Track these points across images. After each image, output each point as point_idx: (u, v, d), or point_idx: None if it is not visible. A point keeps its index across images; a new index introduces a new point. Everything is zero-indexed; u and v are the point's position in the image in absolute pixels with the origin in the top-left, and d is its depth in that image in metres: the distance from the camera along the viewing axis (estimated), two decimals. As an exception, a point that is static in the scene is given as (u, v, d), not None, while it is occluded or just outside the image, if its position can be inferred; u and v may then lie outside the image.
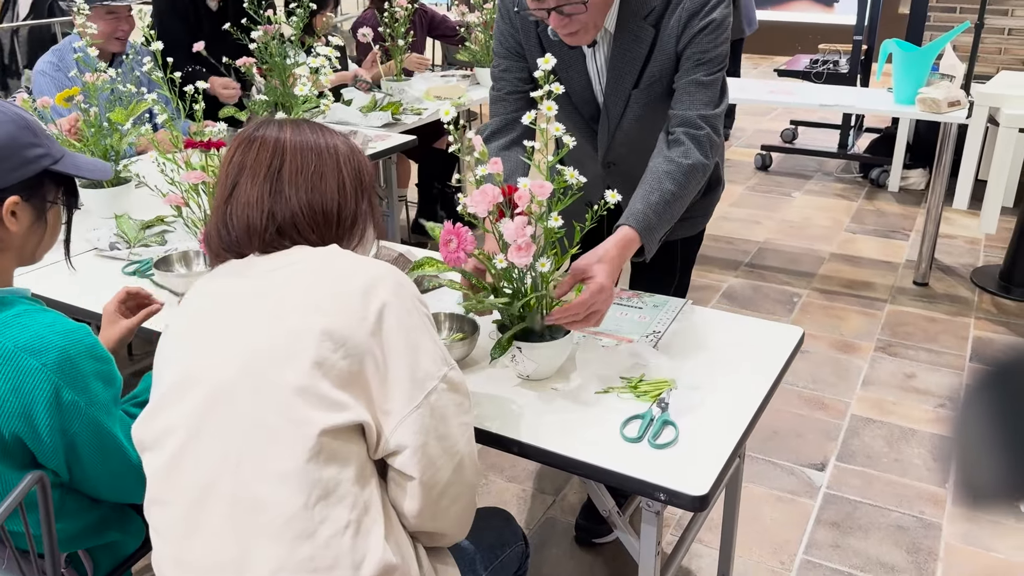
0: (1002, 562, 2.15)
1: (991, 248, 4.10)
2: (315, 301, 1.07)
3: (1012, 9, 4.74)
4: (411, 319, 1.09)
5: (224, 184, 1.18)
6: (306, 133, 1.21)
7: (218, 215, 1.18)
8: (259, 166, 1.17)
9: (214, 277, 1.19)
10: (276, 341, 1.05)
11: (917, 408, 2.80)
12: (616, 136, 1.83)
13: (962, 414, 0.54)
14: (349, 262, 1.13)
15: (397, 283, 1.10)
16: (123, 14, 2.81)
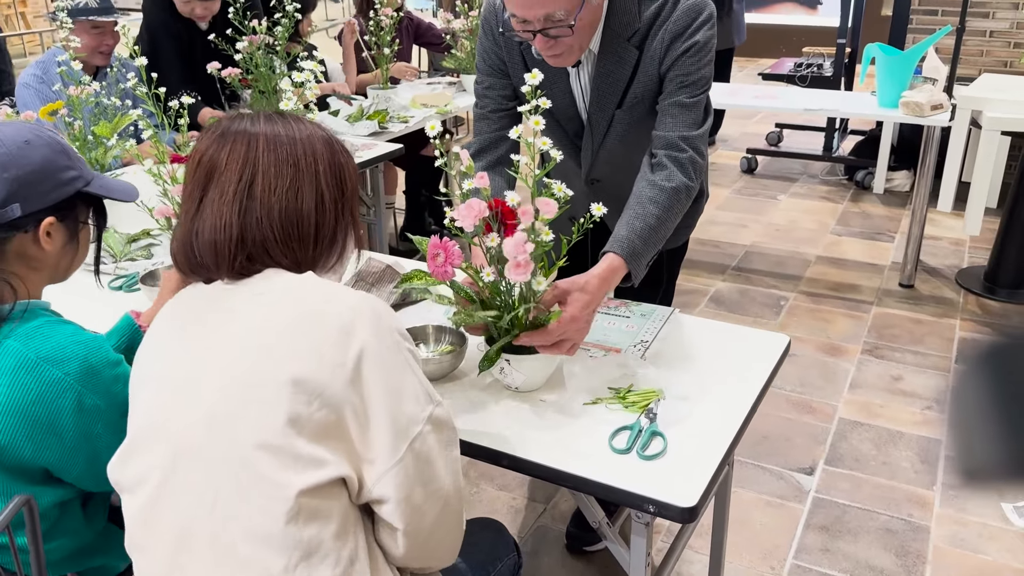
0: (990, 564, 2.17)
1: (976, 249, 4.14)
2: (288, 345, 1.00)
3: (993, 12, 4.78)
4: (392, 359, 1.02)
5: (192, 194, 1.09)
6: (281, 134, 1.10)
7: (185, 230, 1.09)
8: (228, 180, 1.06)
9: (181, 301, 1.12)
10: (246, 394, 0.99)
11: (904, 411, 2.82)
12: (600, 154, 1.83)
13: (958, 393, 0.54)
14: (323, 296, 1.04)
15: (376, 319, 1.02)
16: (108, 28, 2.80)
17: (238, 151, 1.07)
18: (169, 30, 3.03)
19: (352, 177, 1.16)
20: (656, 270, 1.98)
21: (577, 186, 1.80)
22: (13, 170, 1.21)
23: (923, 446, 2.63)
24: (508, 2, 1.55)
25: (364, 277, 1.89)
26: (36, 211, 1.23)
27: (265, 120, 1.11)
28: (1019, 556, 2.18)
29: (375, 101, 3.58)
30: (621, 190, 1.72)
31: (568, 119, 1.82)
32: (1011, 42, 4.80)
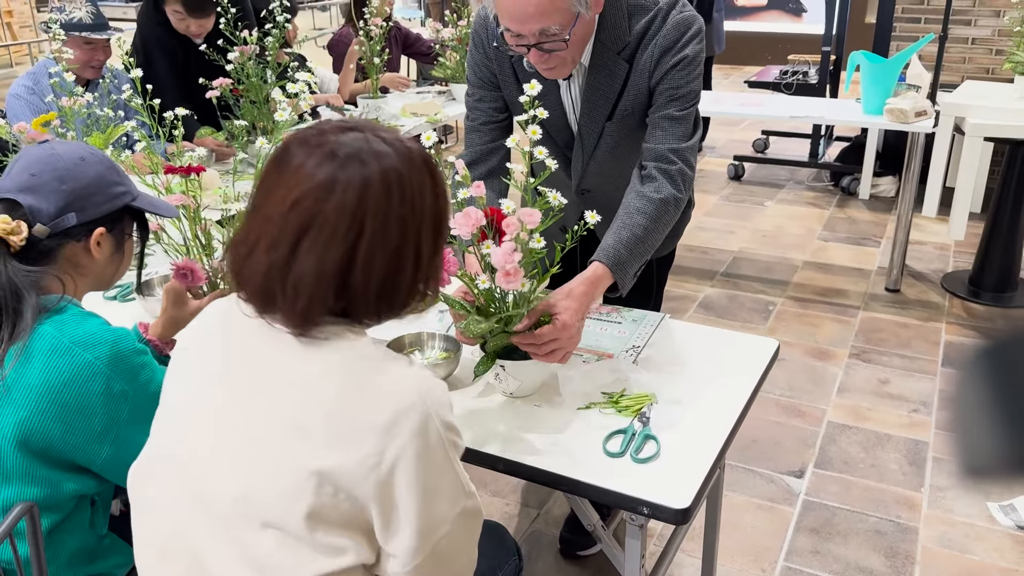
0: (977, 563, 2.20)
1: (960, 253, 4.19)
2: (324, 435, 0.94)
3: (975, 19, 4.85)
4: (431, 461, 0.97)
5: (281, 233, 0.97)
6: (392, 179, 0.98)
7: (273, 272, 0.97)
8: (333, 233, 0.96)
9: (229, 326, 1.06)
10: (273, 475, 0.96)
11: (892, 414, 2.85)
12: (590, 165, 1.86)
13: (961, 387, 0.54)
14: (374, 389, 0.97)
15: (424, 420, 0.95)
16: (100, 44, 2.81)
17: (348, 202, 0.96)
18: (164, 47, 3.03)
19: (447, 219, 1.08)
20: (646, 280, 2.01)
21: (567, 196, 1.81)
22: (70, 183, 1.32)
23: (911, 448, 2.66)
24: (502, 17, 1.56)
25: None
26: (88, 221, 1.34)
27: (378, 164, 0.98)
28: (1006, 555, 2.22)
29: (365, 110, 3.60)
30: (611, 201, 1.75)
31: (558, 130, 1.84)
32: (993, 49, 4.87)
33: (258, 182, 1.03)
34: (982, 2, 4.81)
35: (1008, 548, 2.24)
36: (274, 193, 0.98)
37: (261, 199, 1.00)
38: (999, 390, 0.52)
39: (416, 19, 7.52)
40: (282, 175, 0.98)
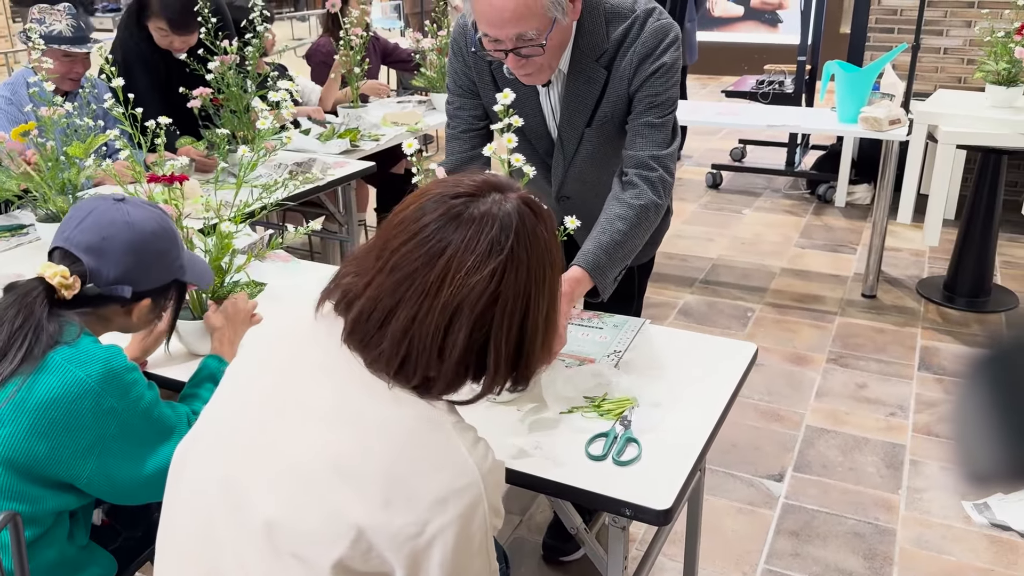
0: (954, 564, 2.23)
1: (935, 260, 4.25)
2: (380, 488, 0.92)
3: (946, 30, 4.93)
4: (470, 544, 0.95)
5: (459, 315, 0.96)
6: (541, 239, 1.00)
7: (421, 343, 0.96)
8: (511, 310, 0.97)
9: (312, 335, 1.04)
10: (313, 520, 0.94)
11: (869, 417, 2.89)
12: (570, 171, 1.88)
13: (962, 395, 0.54)
14: (443, 447, 0.96)
15: (476, 501, 0.94)
16: (79, 57, 2.80)
17: (519, 280, 0.98)
18: (146, 62, 3.01)
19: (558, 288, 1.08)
20: (627, 286, 2.03)
21: (548, 203, 1.83)
22: (136, 257, 1.34)
23: (888, 451, 2.70)
24: (480, 22, 1.59)
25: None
26: (140, 292, 1.37)
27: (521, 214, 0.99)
28: (981, 556, 2.25)
29: (346, 120, 3.61)
30: (590, 208, 1.78)
31: (539, 137, 1.86)
32: (964, 59, 4.95)
33: (396, 238, 0.99)
34: (954, 13, 4.90)
35: (984, 548, 2.28)
36: (431, 271, 0.95)
37: (411, 268, 0.96)
38: (1002, 398, 0.52)
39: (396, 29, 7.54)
40: (444, 257, 0.96)
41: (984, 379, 0.53)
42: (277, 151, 2.39)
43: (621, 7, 1.70)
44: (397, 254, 0.97)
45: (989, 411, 0.52)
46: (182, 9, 2.89)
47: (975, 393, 0.53)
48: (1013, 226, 4.60)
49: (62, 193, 2.31)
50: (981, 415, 0.52)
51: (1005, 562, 2.23)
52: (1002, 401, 0.52)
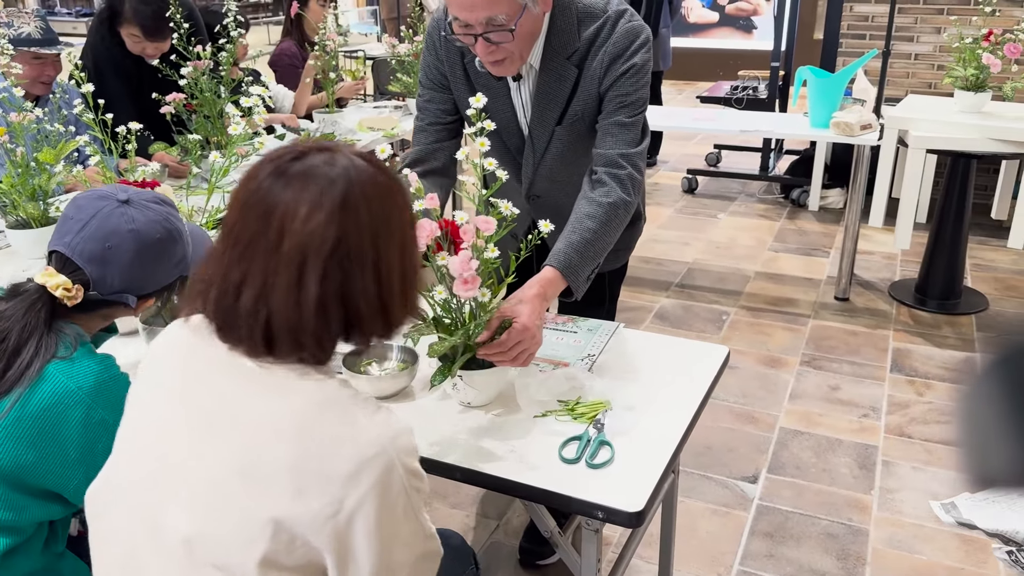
0: (926, 563, 2.26)
1: (907, 263, 4.30)
2: (282, 484, 0.92)
3: (917, 36, 5.00)
4: (394, 511, 0.95)
5: (309, 267, 0.95)
6: (381, 184, 0.99)
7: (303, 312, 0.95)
8: (359, 254, 0.96)
9: (193, 350, 1.03)
10: (227, 520, 0.93)
11: (842, 419, 2.92)
12: (540, 170, 1.89)
13: (973, 396, 0.53)
14: (343, 424, 0.95)
15: (387, 470, 0.93)
16: (50, 60, 2.78)
17: (362, 223, 0.97)
18: (118, 68, 2.99)
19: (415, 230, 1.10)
20: (598, 290, 2.04)
21: (518, 202, 1.81)
22: (141, 264, 1.31)
23: (861, 452, 2.72)
24: (451, 5, 1.60)
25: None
26: (145, 295, 1.35)
27: (358, 166, 0.99)
28: (951, 555, 2.28)
29: (321, 125, 3.60)
30: (560, 208, 1.81)
31: (510, 134, 1.88)
32: (934, 64, 5.02)
33: (231, 214, 0.99)
34: (924, 19, 4.97)
35: (954, 548, 2.31)
36: (270, 231, 0.95)
37: (250, 235, 0.96)
38: (1013, 400, 0.51)
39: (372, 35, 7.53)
40: (278, 213, 0.95)
41: (994, 381, 0.53)
42: (250, 156, 2.38)
43: (593, 7, 1.73)
44: (236, 227, 0.98)
45: (1000, 413, 0.52)
46: (155, 16, 2.87)
47: (985, 395, 0.53)
48: (982, 229, 4.67)
49: (32, 199, 2.28)
50: (992, 417, 0.52)
51: (975, 560, 2.26)
52: (1013, 403, 0.51)
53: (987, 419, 0.52)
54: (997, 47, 3.56)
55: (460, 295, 1.39)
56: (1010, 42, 3.55)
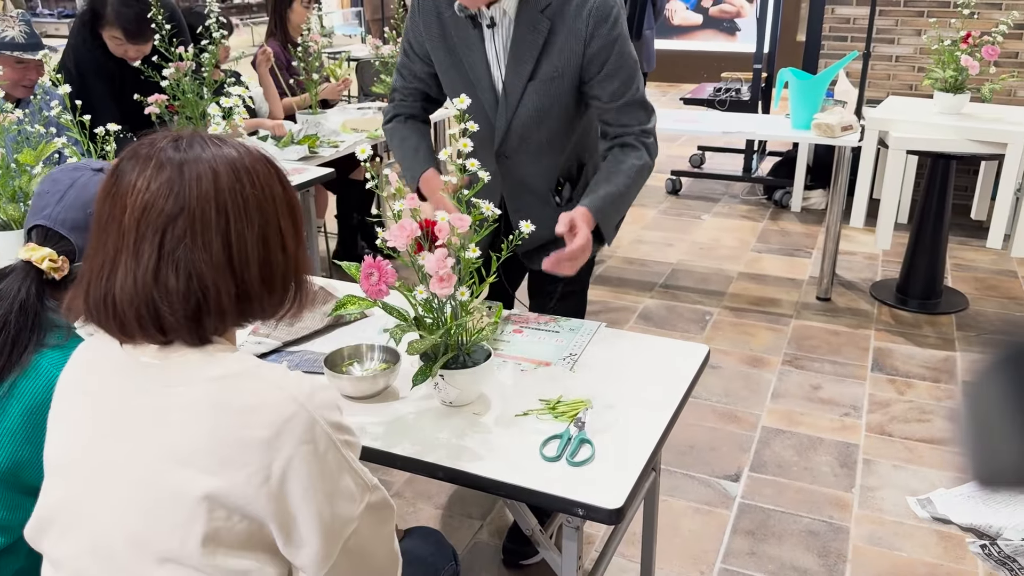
0: (905, 559, 2.28)
1: (888, 263, 4.34)
2: (204, 460, 0.92)
3: (898, 38, 5.04)
4: (323, 464, 0.95)
5: (146, 237, 0.94)
6: (239, 166, 0.98)
7: (141, 285, 0.94)
8: (205, 224, 0.95)
9: (98, 361, 1.03)
10: (160, 510, 0.93)
11: (823, 418, 2.94)
12: (512, 126, 1.94)
13: (975, 397, 0.53)
14: (247, 404, 0.94)
15: (308, 425, 0.94)
16: (33, 64, 2.77)
17: (205, 189, 0.95)
18: (101, 72, 2.98)
19: (301, 211, 1.08)
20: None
21: (488, 161, 1.91)
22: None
23: (842, 451, 2.75)
24: None
25: (297, 299, 1.91)
26: None
27: (212, 144, 0.99)
28: (931, 551, 2.30)
29: (304, 126, 3.60)
30: (525, 173, 1.98)
31: (484, 90, 1.92)
32: (915, 66, 5.06)
33: (98, 202, 0.99)
34: (904, 22, 5.01)
35: (933, 544, 2.33)
36: (118, 204, 0.96)
37: (103, 217, 0.97)
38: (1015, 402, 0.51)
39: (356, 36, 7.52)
40: (122, 185, 0.96)
41: (996, 382, 0.52)
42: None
43: None
44: (97, 217, 0.99)
45: (1003, 414, 0.51)
46: (136, 18, 2.87)
47: (987, 396, 0.52)
48: (962, 229, 4.72)
49: (12, 201, 2.27)
50: (995, 418, 0.51)
51: (953, 557, 2.28)
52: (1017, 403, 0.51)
53: (990, 420, 0.52)
54: (975, 49, 3.60)
55: (437, 293, 1.39)
56: (988, 44, 3.59)
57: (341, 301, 1.61)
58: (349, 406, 1.56)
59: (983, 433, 0.52)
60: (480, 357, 1.55)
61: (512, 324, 1.86)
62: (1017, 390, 0.51)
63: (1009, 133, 3.43)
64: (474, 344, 1.55)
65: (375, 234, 1.45)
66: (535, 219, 1.69)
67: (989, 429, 0.52)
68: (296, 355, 1.75)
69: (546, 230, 1.85)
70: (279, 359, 1.73)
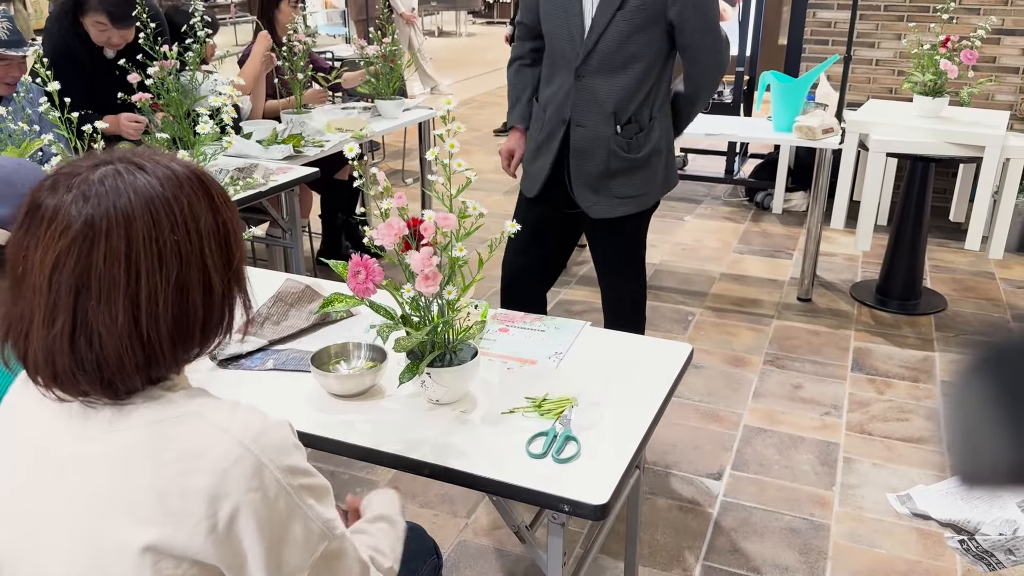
0: (885, 556, 2.31)
1: (868, 264, 4.38)
2: (149, 504, 0.87)
3: (878, 42, 5.10)
4: (275, 512, 0.91)
5: (58, 300, 0.87)
6: (156, 206, 0.89)
7: (61, 347, 0.88)
8: (113, 284, 0.87)
9: (33, 398, 0.96)
10: (107, 570, 0.88)
11: (804, 417, 2.97)
12: (596, 48, 2.30)
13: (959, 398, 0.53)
14: (196, 436, 0.90)
15: (255, 471, 0.89)
16: (15, 61, 2.75)
17: (116, 245, 0.87)
18: (73, 57, 2.98)
19: (238, 236, 0.98)
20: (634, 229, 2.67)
21: (565, 81, 2.39)
22: (16, 186, 1.32)
23: (822, 450, 2.78)
24: None
25: (283, 297, 1.92)
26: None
27: (130, 183, 0.89)
28: (911, 548, 2.34)
29: (289, 126, 3.60)
30: (598, 88, 2.33)
31: (575, 14, 2.31)
32: (895, 70, 5.12)
33: (11, 243, 0.91)
34: (884, 26, 5.07)
35: (913, 542, 2.36)
36: (31, 256, 0.88)
37: (18, 265, 0.90)
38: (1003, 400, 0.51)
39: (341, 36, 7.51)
40: (36, 232, 0.89)
41: (981, 382, 0.52)
42: (217, 156, 2.38)
43: None
44: (14, 258, 0.92)
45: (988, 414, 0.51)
46: (121, 2, 2.87)
47: (975, 393, 0.52)
48: (941, 231, 4.78)
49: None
50: (980, 418, 0.51)
51: (933, 554, 2.32)
52: (1001, 404, 0.51)
53: (971, 422, 0.52)
54: (954, 53, 3.65)
55: (422, 292, 1.40)
56: (967, 48, 3.64)
57: (328, 299, 1.61)
58: (335, 404, 1.57)
59: (965, 435, 0.52)
60: (467, 356, 1.56)
61: (498, 323, 1.88)
62: (996, 393, 0.51)
63: (987, 136, 3.48)
64: (460, 342, 1.56)
65: (360, 234, 1.46)
66: (594, 135, 2.37)
67: (971, 431, 0.52)
68: (282, 353, 1.75)
69: (602, 150, 2.39)
70: (265, 357, 1.73)
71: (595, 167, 2.42)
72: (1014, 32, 4.80)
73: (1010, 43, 4.83)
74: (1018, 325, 0.90)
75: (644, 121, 2.40)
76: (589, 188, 2.45)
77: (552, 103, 2.42)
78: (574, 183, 2.47)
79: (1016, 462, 0.50)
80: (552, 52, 2.42)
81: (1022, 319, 3.75)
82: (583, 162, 2.41)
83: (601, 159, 2.40)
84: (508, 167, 2.67)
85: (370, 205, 4.56)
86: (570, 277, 4.20)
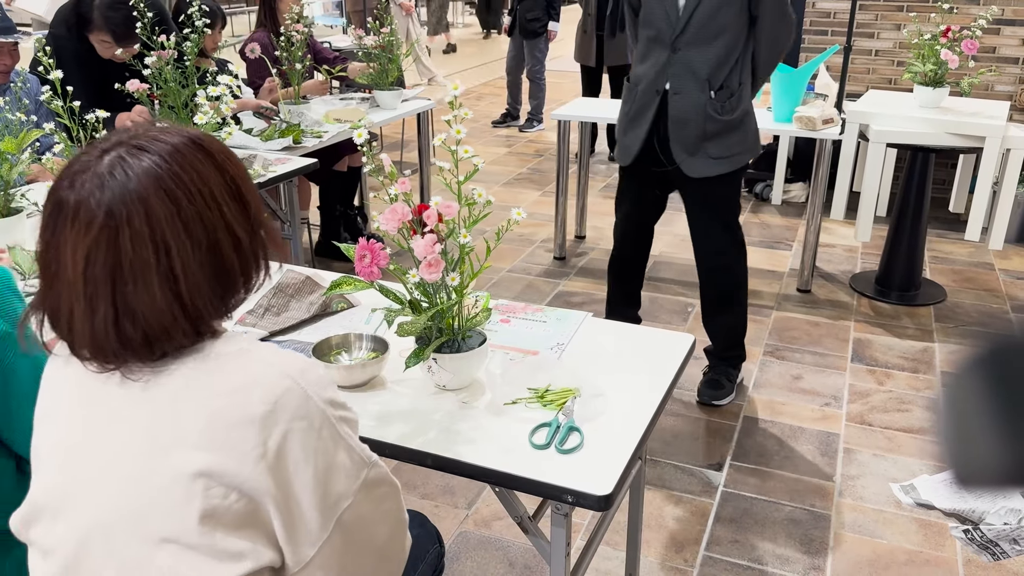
0: (885, 547, 2.31)
1: (867, 255, 4.38)
2: (203, 433, 0.92)
3: (877, 32, 5.09)
4: (320, 439, 0.96)
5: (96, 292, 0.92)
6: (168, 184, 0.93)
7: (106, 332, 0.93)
8: (145, 266, 0.92)
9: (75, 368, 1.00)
10: (156, 491, 0.93)
11: (805, 408, 2.97)
12: (691, 21, 2.59)
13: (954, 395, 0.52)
14: (245, 371, 0.95)
15: (302, 400, 0.95)
16: (6, 48, 2.74)
17: (140, 230, 0.91)
18: (79, 60, 2.97)
19: (248, 183, 1.03)
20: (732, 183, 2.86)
21: (661, 55, 2.69)
22: None
23: (823, 440, 2.78)
24: None
25: (283, 288, 1.91)
26: None
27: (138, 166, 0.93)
28: (911, 538, 2.34)
29: (288, 116, 3.58)
30: (693, 58, 2.62)
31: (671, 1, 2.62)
32: (894, 60, 5.11)
33: (40, 245, 0.96)
34: (884, 16, 5.05)
35: (913, 532, 2.37)
36: (63, 254, 0.93)
37: (51, 264, 0.94)
38: (998, 398, 0.50)
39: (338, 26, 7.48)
40: (62, 231, 0.93)
41: (976, 379, 0.52)
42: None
43: None
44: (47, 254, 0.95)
45: (983, 412, 0.50)
46: (124, 21, 2.87)
47: (970, 392, 0.52)
48: (941, 222, 4.77)
49: (-6, 189, 2.25)
50: (977, 415, 0.51)
51: (933, 544, 2.32)
52: (996, 401, 0.50)
53: (968, 420, 0.51)
54: (955, 43, 3.64)
55: (425, 278, 1.40)
56: (967, 39, 3.63)
57: (336, 282, 1.60)
58: (338, 395, 1.56)
59: (961, 433, 0.52)
60: (475, 342, 1.55)
61: (500, 314, 1.87)
62: (994, 390, 0.51)
63: (987, 127, 3.48)
64: (469, 329, 1.55)
65: (359, 225, 1.46)
66: (691, 101, 2.65)
67: (967, 429, 0.51)
68: (284, 345, 1.75)
69: (699, 115, 2.66)
70: (267, 348, 1.72)
71: (692, 131, 2.69)
72: (1014, 22, 4.79)
73: (1010, 33, 4.82)
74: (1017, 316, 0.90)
75: (734, 86, 2.69)
76: (686, 152, 2.72)
77: (646, 77, 2.72)
78: (672, 147, 2.73)
79: (1009, 463, 0.50)
80: (648, 31, 2.71)
81: (1021, 310, 3.75)
82: (681, 128, 2.69)
83: (698, 124, 2.68)
84: None
85: (369, 197, 4.55)
86: (569, 269, 4.19)
